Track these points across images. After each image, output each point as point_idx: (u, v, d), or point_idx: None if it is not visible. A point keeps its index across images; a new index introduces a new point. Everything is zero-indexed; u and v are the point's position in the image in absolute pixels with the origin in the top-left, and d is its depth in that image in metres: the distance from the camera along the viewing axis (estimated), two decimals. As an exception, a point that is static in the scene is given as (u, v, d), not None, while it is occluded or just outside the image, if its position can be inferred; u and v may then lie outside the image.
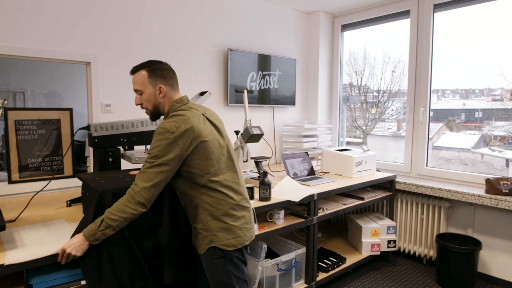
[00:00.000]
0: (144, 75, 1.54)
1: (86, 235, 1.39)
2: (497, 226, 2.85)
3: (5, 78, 4.14)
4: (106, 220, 1.39)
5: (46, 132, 2.23)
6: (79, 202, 2.08)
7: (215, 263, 1.55)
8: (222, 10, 3.21)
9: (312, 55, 3.96)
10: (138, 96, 1.57)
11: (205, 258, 1.57)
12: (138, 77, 1.54)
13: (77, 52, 2.44)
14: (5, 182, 2.20)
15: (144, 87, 1.54)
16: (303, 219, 2.46)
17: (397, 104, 3.76)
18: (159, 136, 1.42)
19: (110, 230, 1.39)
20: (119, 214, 1.39)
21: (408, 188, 3.15)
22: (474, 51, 3.08)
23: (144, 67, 1.55)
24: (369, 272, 3.11)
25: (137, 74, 1.55)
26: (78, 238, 1.40)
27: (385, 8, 3.52)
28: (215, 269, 1.55)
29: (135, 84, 1.56)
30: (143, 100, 1.56)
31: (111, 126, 2.02)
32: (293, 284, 2.51)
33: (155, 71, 1.55)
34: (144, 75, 1.54)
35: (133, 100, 2.70)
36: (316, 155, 3.56)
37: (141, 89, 1.54)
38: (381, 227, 3.06)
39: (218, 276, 1.55)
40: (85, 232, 1.40)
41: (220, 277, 1.55)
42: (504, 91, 2.99)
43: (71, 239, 1.41)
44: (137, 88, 1.55)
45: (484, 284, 2.89)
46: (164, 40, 2.85)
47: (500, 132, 3.05)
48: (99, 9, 2.51)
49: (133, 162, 2.01)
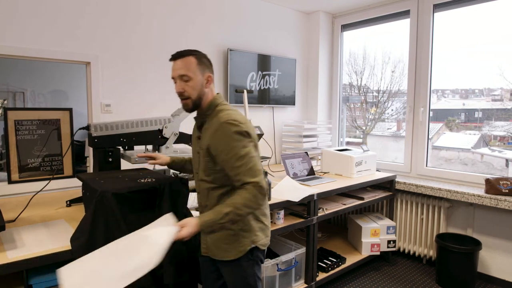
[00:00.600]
0: (194, 61, 1.44)
1: (204, 226, 1.33)
2: (497, 226, 2.85)
3: (5, 78, 4.14)
4: (232, 215, 1.34)
5: (46, 132, 2.23)
6: (79, 202, 2.08)
7: (245, 266, 1.51)
8: (222, 10, 3.21)
9: (312, 55, 3.96)
10: (182, 83, 1.44)
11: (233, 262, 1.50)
12: (186, 63, 1.43)
13: (77, 52, 2.44)
14: (5, 182, 2.20)
15: (193, 74, 1.43)
16: (303, 219, 2.46)
17: (397, 104, 3.76)
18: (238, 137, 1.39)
19: (230, 224, 1.38)
20: (247, 209, 1.37)
21: (408, 188, 3.15)
22: (474, 51, 3.08)
23: (192, 53, 1.45)
24: (369, 272, 3.11)
25: (184, 60, 1.43)
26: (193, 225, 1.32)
27: (385, 8, 3.52)
28: (244, 272, 1.51)
29: (181, 69, 1.43)
30: (188, 87, 1.44)
31: (111, 126, 2.02)
32: (293, 284, 2.51)
33: (203, 59, 1.48)
34: (193, 62, 1.44)
35: (133, 100, 2.71)
36: (316, 155, 3.56)
37: (189, 74, 1.42)
38: (381, 227, 3.06)
39: (245, 279, 1.52)
40: (203, 223, 1.33)
41: (248, 279, 1.52)
42: (504, 91, 2.99)
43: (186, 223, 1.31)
44: (184, 73, 1.42)
45: (484, 284, 2.89)
46: (164, 40, 2.85)
47: (500, 132, 3.05)
48: (99, 9, 2.51)
49: (132, 162, 2.00)
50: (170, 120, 2.16)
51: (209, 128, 1.46)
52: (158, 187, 1.64)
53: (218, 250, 1.52)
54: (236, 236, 1.49)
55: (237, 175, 1.38)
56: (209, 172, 1.48)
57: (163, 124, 2.14)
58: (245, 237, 1.50)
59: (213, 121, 1.45)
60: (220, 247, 1.51)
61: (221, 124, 1.40)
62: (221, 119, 1.41)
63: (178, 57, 1.45)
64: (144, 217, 1.62)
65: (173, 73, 1.46)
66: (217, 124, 1.42)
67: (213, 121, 1.45)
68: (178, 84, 1.45)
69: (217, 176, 1.47)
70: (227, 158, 1.39)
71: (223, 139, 1.39)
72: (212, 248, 1.54)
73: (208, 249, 1.56)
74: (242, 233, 1.49)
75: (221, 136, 1.40)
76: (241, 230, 1.49)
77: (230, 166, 1.39)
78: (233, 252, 1.50)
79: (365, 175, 3.15)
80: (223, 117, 1.42)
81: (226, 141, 1.39)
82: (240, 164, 1.37)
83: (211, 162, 1.46)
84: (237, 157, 1.37)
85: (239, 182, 1.39)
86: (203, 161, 1.48)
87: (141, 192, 1.62)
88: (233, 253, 1.50)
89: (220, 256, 1.52)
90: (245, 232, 1.50)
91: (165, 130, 2.14)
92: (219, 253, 1.52)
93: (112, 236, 1.50)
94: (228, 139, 1.38)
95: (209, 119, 1.49)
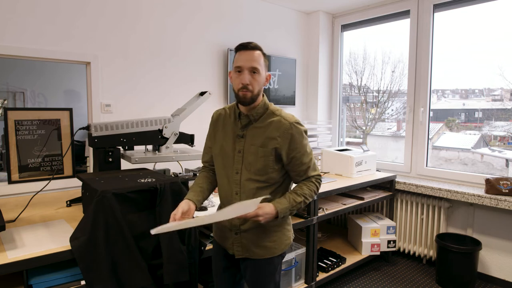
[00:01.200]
0: (262, 56, 1.43)
1: (281, 211, 1.40)
2: (497, 226, 2.85)
3: (5, 78, 4.14)
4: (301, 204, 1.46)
5: (46, 132, 2.23)
6: (79, 202, 2.08)
7: (276, 263, 1.55)
8: (221, 10, 3.21)
9: (312, 55, 3.96)
10: (251, 75, 1.40)
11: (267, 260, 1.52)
12: (257, 56, 1.41)
13: (77, 52, 2.44)
14: (5, 182, 2.20)
15: (262, 68, 1.43)
16: (303, 219, 2.46)
17: (397, 104, 3.76)
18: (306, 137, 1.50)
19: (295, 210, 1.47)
20: (310, 199, 1.50)
21: (408, 188, 3.15)
22: (474, 51, 3.08)
23: (260, 49, 1.44)
24: (369, 272, 3.11)
25: (255, 53, 1.41)
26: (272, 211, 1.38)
27: (385, 8, 3.52)
28: (274, 269, 1.54)
29: (254, 62, 1.39)
30: (254, 80, 1.40)
31: (111, 126, 2.02)
32: (293, 284, 2.51)
33: (265, 56, 1.47)
34: (262, 56, 1.43)
35: (132, 100, 2.71)
36: (316, 155, 3.56)
37: (259, 68, 1.41)
38: (381, 227, 3.06)
39: (273, 276, 1.55)
40: (280, 208, 1.40)
41: (275, 276, 1.56)
42: (504, 91, 2.99)
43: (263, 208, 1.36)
44: (256, 66, 1.40)
45: (484, 284, 2.89)
46: (163, 40, 2.85)
47: (500, 132, 3.05)
48: (98, 8, 2.51)
49: (133, 162, 2.01)
50: (170, 120, 2.16)
51: (268, 128, 1.45)
52: (158, 187, 1.64)
53: (259, 249, 1.50)
54: (282, 232, 1.55)
55: (305, 170, 1.49)
56: (266, 171, 1.45)
57: (163, 124, 2.14)
58: (289, 230, 1.59)
59: (274, 121, 1.46)
60: (264, 246, 1.50)
61: (292, 125, 1.45)
62: (289, 119, 1.46)
63: (248, 48, 1.41)
64: (144, 217, 1.62)
65: (243, 63, 1.40)
66: (285, 125, 1.44)
67: (274, 121, 1.46)
68: (246, 75, 1.39)
69: (272, 175, 1.47)
70: (299, 156, 1.47)
71: (297, 139, 1.46)
72: (251, 248, 1.51)
73: (245, 250, 1.51)
74: (286, 227, 1.57)
75: (294, 136, 1.45)
76: (286, 224, 1.58)
77: (299, 163, 1.48)
78: (280, 248, 1.54)
79: (365, 175, 3.15)
80: (288, 117, 1.47)
81: (299, 141, 1.46)
82: (308, 160, 1.50)
83: (275, 161, 1.45)
84: (307, 154, 1.49)
85: (305, 176, 1.50)
86: (261, 161, 1.44)
87: (141, 192, 1.62)
88: (279, 248, 1.54)
89: (261, 255, 1.51)
90: (288, 225, 1.59)
91: (165, 130, 2.14)
92: (260, 252, 1.51)
93: (112, 236, 1.51)
94: (301, 138, 1.47)
95: (262, 118, 1.48)
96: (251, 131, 1.47)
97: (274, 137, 1.44)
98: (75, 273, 1.47)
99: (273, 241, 1.51)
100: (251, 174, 1.46)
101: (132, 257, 1.54)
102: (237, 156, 1.48)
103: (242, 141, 1.48)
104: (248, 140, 1.47)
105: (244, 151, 1.47)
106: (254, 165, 1.45)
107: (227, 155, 1.51)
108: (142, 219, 1.60)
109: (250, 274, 1.54)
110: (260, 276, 1.53)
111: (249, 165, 1.46)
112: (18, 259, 1.32)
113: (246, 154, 1.46)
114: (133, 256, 1.54)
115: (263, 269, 1.52)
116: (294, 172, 1.50)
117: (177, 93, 2.92)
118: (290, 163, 1.47)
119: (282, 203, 1.41)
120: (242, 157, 1.47)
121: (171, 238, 1.63)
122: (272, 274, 1.54)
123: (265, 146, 1.44)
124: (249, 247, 1.50)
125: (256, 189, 1.46)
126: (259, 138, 1.45)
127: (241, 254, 1.52)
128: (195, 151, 2.27)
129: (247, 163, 1.46)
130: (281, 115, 1.47)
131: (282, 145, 1.44)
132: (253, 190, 1.47)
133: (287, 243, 1.57)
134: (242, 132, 1.49)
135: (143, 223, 1.61)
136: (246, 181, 1.47)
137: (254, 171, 1.45)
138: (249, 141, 1.46)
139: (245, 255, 1.52)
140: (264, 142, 1.44)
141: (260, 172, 1.45)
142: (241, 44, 1.43)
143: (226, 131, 1.53)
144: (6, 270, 1.29)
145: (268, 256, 1.51)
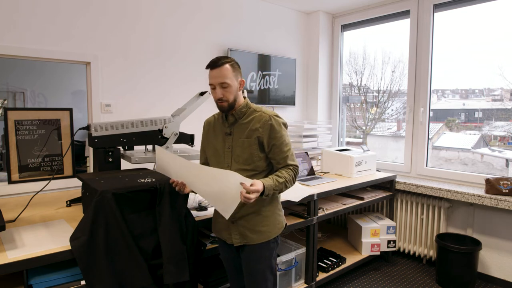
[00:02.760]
0: (230, 69, 1.60)
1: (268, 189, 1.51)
2: (497, 226, 2.85)
3: (5, 78, 4.14)
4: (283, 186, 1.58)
5: (46, 132, 2.23)
6: (79, 202, 2.08)
7: (271, 247, 1.69)
8: (221, 10, 3.21)
9: (312, 55, 3.96)
10: (221, 90, 1.59)
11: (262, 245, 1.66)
12: (225, 71, 1.58)
13: (77, 52, 2.44)
14: (5, 182, 2.20)
15: (231, 81, 1.59)
16: (303, 219, 2.46)
17: (397, 104, 3.77)
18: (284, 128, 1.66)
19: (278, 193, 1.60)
20: (289, 185, 1.62)
21: (408, 188, 3.15)
22: (474, 51, 3.08)
23: (226, 62, 1.59)
24: (369, 272, 3.11)
25: (222, 68, 1.58)
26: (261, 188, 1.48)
27: (385, 8, 3.52)
28: (270, 254, 1.69)
29: (221, 78, 1.58)
30: (226, 92, 1.60)
31: (111, 126, 2.02)
32: (293, 284, 2.51)
33: (235, 65, 1.63)
34: (229, 69, 1.60)
35: (132, 100, 2.71)
36: (316, 155, 3.56)
37: (229, 82, 1.59)
38: (381, 227, 3.06)
39: (269, 261, 1.68)
40: (268, 186, 1.51)
41: (271, 262, 1.69)
42: (504, 91, 2.99)
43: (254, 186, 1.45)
44: (224, 81, 1.58)
45: (484, 284, 2.89)
46: (163, 40, 2.85)
47: (500, 132, 3.05)
48: (98, 9, 2.51)
49: (133, 162, 2.01)
50: (170, 120, 2.16)
51: (251, 122, 1.64)
52: (158, 187, 1.64)
53: (256, 235, 1.65)
54: (273, 216, 1.69)
55: (284, 158, 1.63)
56: (252, 160, 1.63)
57: (163, 124, 2.14)
58: (280, 215, 1.75)
59: (255, 116, 1.65)
60: (258, 231, 1.65)
61: (271, 117, 1.63)
62: (268, 113, 1.64)
63: (215, 66, 1.59)
64: (144, 217, 1.62)
65: (213, 80, 1.60)
66: (265, 117, 1.63)
67: (255, 116, 1.65)
68: (218, 90, 1.60)
69: (258, 163, 1.64)
70: (278, 144, 1.62)
71: (275, 128, 1.62)
72: (248, 234, 1.65)
73: (243, 237, 1.66)
74: (278, 212, 1.73)
75: (274, 126, 1.61)
76: (279, 210, 1.75)
77: (279, 151, 1.62)
78: (274, 231, 1.68)
79: (365, 175, 3.15)
80: (268, 112, 1.66)
81: (278, 130, 1.62)
82: (287, 149, 1.64)
83: (259, 150, 1.63)
84: (285, 143, 1.64)
85: (284, 163, 1.63)
86: (247, 151, 1.63)
87: (141, 192, 1.62)
88: (273, 232, 1.68)
89: (257, 240, 1.65)
90: (280, 211, 1.75)
91: (165, 130, 2.14)
92: (256, 237, 1.65)
93: (112, 236, 1.50)
94: (279, 128, 1.63)
95: (245, 116, 1.66)
96: (237, 127, 1.67)
97: (256, 128, 1.62)
98: (75, 273, 1.47)
99: (266, 225, 1.67)
100: (239, 164, 1.64)
101: (132, 257, 1.54)
102: (227, 152, 1.68)
103: (230, 138, 1.67)
104: (235, 136, 1.66)
105: (232, 146, 1.66)
106: (242, 155, 1.64)
107: (219, 153, 1.70)
108: (142, 219, 1.60)
109: (248, 260, 1.68)
110: (257, 262, 1.67)
111: (237, 157, 1.65)
112: (18, 259, 1.32)
113: (234, 149, 1.66)
114: (133, 256, 1.54)
115: (259, 253, 1.66)
116: (275, 160, 1.65)
117: (177, 93, 2.92)
118: (271, 151, 1.63)
119: (267, 181, 1.54)
120: (231, 152, 1.66)
121: (171, 238, 1.63)
122: (268, 259, 1.68)
123: (249, 137, 1.63)
124: (246, 234, 1.65)
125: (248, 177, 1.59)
126: (244, 131, 1.64)
127: (240, 242, 1.67)
128: (195, 151, 2.27)
129: (236, 155, 1.65)
130: (261, 110, 1.67)
131: (264, 134, 1.62)
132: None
133: (279, 227, 1.72)
134: (229, 129, 1.68)
135: (143, 223, 1.61)
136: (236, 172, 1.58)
137: (242, 161, 1.64)
138: (237, 137, 1.66)
139: (243, 242, 1.66)
140: (248, 133, 1.63)
141: (248, 162, 1.63)
142: (211, 61, 1.61)
143: (216, 132, 1.74)
144: (6, 270, 1.29)
145: (263, 241, 1.66)
